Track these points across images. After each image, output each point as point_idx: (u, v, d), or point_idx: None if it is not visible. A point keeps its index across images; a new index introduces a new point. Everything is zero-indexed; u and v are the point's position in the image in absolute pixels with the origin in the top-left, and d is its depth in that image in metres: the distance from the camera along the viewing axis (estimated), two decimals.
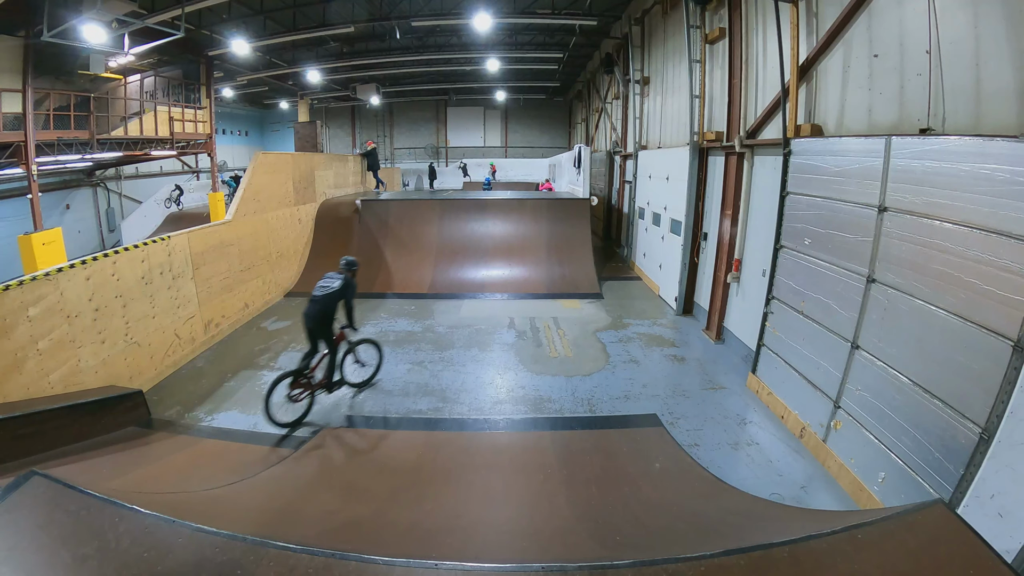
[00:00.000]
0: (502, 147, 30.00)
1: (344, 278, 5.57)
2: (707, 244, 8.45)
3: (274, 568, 1.99)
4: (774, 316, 5.65)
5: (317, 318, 5.38)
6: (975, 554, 1.96)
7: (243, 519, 3.25)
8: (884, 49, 4.48)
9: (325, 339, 5.52)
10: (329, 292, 5.42)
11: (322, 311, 5.38)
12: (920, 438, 3.61)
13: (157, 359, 6.62)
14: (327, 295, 5.41)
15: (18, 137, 9.42)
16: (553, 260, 11.11)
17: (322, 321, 5.40)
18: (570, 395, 6.09)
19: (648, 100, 12.31)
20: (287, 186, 11.00)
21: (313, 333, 5.45)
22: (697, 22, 8.30)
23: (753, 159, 6.94)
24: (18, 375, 4.68)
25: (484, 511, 3.93)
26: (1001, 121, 3.43)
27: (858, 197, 4.34)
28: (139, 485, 3.98)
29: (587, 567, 2.03)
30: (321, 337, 5.49)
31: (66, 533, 2.17)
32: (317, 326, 5.41)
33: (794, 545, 2.12)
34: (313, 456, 4.86)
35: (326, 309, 5.40)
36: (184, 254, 7.30)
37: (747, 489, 4.19)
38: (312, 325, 5.41)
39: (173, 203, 18.69)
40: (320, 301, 5.38)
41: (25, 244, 9.15)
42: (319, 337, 5.49)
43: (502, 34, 16.77)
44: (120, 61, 12.04)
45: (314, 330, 5.44)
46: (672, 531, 3.50)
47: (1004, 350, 3.02)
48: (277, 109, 28.89)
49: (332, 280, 5.52)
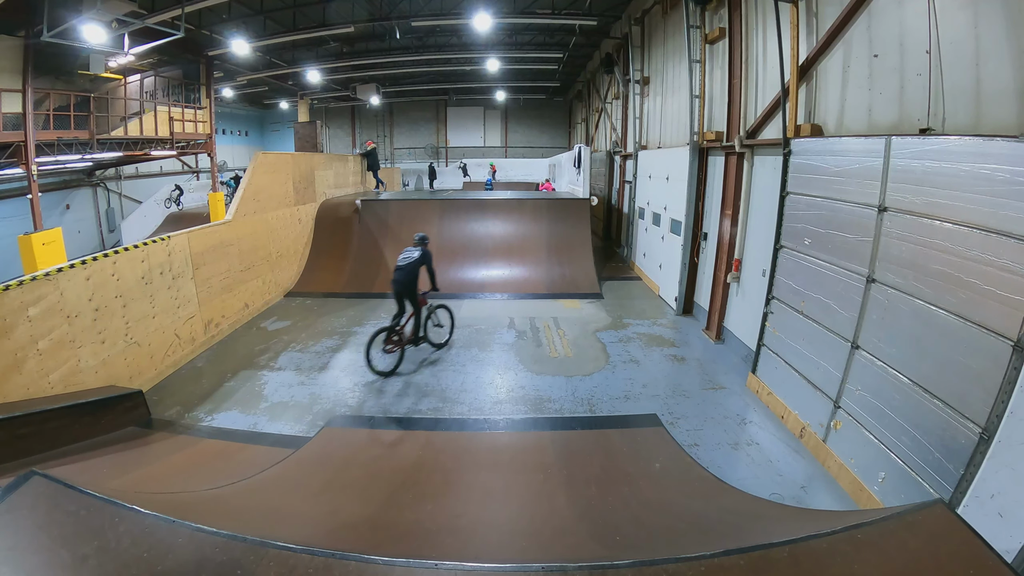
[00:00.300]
0: (502, 147, 30.00)
1: (421, 249, 6.66)
2: (707, 244, 8.45)
3: (274, 568, 1.98)
4: (774, 316, 5.65)
5: (403, 283, 6.49)
6: (975, 554, 1.96)
7: (243, 519, 3.25)
8: (884, 49, 4.48)
9: (411, 300, 6.64)
10: (411, 261, 6.52)
11: (407, 277, 6.49)
12: (920, 438, 3.61)
13: (157, 359, 6.62)
14: (410, 264, 6.51)
15: (18, 137, 9.42)
16: (553, 260, 11.11)
17: (408, 286, 6.52)
18: (570, 395, 6.09)
19: (648, 100, 12.31)
20: (287, 186, 11.00)
21: (400, 296, 6.56)
22: (697, 22, 8.30)
23: (753, 159, 6.94)
24: (18, 375, 4.68)
25: (484, 511, 3.93)
26: (1001, 121, 3.43)
27: (858, 197, 4.34)
28: (139, 485, 3.98)
29: (587, 567, 2.03)
30: (408, 299, 6.60)
31: (66, 533, 2.16)
32: (404, 290, 6.52)
33: (794, 545, 2.11)
34: (313, 456, 4.86)
35: (410, 275, 6.51)
36: (184, 254, 7.30)
37: (747, 489, 4.19)
38: (400, 289, 6.52)
39: (173, 203, 18.69)
40: (404, 269, 6.49)
41: (25, 244, 9.16)
42: (406, 299, 6.59)
43: (502, 34, 16.77)
44: (120, 61, 12.05)
45: (401, 293, 6.54)
46: (672, 531, 3.50)
47: (1004, 350, 3.02)
48: (277, 109, 28.89)
49: (411, 252, 6.62)
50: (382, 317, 8.99)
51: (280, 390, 6.33)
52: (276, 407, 5.92)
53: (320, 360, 7.21)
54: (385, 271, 11.16)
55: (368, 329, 8.34)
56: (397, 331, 6.61)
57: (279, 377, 6.69)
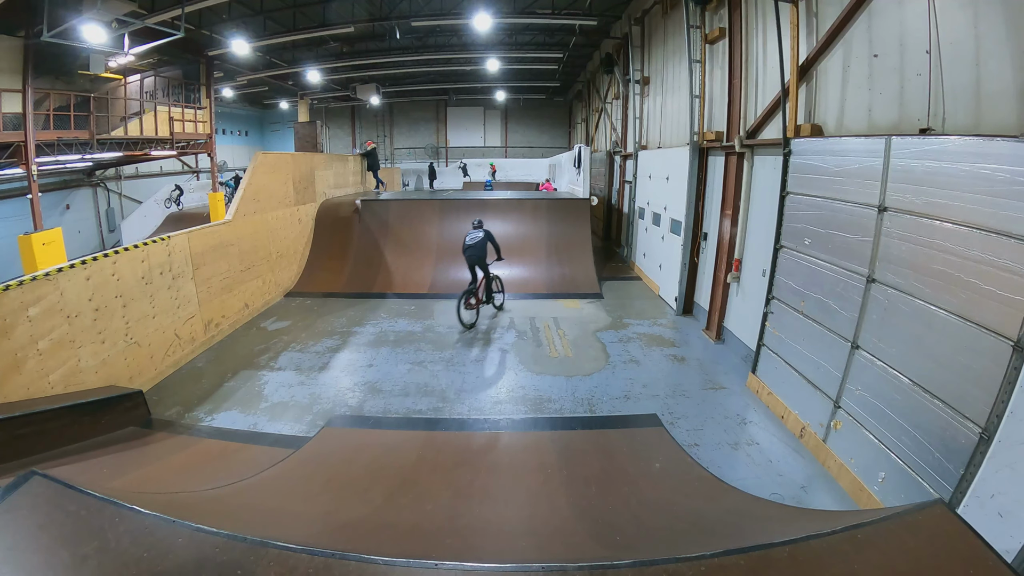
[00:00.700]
0: (502, 147, 30.01)
1: (483, 229, 8.32)
2: (707, 244, 8.45)
3: (274, 568, 1.98)
4: (774, 316, 5.65)
5: (475, 257, 8.18)
6: (975, 554, 1.96)
7: (243, 519, 3.25)
8: (884, 49, 4.48)
9: (482, 269, 8.37)
10: (479, 239, 8.18)
11: (478, 252, 8.16)
12: (920, 438, 3.61)
13: (157, 359, 6.62)
14: (478, 241, 8.17)
15: (18, 137, 9.41)
16: (553, 260, 11.11)
17: (479, 259, 8.21)
18: (570, 395, 6.09)
19: (648, 100, 12.31)
20: (287, 186, 11.00)
21: (473, 266, 8.31)
22: (697, 22, 8.30)
23: (753, 159, 6.94)
24: (18, 375, 4.68)
25: (484, 511, 3.93)
26: (1001, 121, 3.43)
27: (858, 197, 4.34)
28: (139, 485, 3.98)
29: (587, 567, 2.03)
30: (479, 268, 8.33)
31: (66, 533, 2.16)
32: (476, 262, 8.23)
33: (794, 545, 2.11)
34: (313, 456, 4.86)
35: (480, 250, 8.18)
36: (184, 254, 7.30)
37: (747, 489, 4.19)
38: (473, 262, 8.24)
39: (173, 203, 18.70)
40: (474, 247, 8.15)
41: (25, 244, 9.15)
42: (478, 267, 8.30)
43: (502, 34, 16.77)
44: (120, 61, 12.04)
45: (475, 264, 8.26)
46: (672, 531, 3.50)
47: (1004, 350, 3.02)
48: (277, 109, 28.88)
49: (476, 233, 8.25)
50: (382, 317, 9.00)
51: (280, 390, 6.33)
52: (276, 407, 5.92)
53: (320, 360, 7.21)
54: (385, 271, 11.18)
55: (369, 329, 8.39)
56: (474, 293, 8.28)
57: (279, 377, 6.70)
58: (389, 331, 8.32)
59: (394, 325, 8.62)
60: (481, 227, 8.41)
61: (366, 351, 7.52)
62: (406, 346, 7.66)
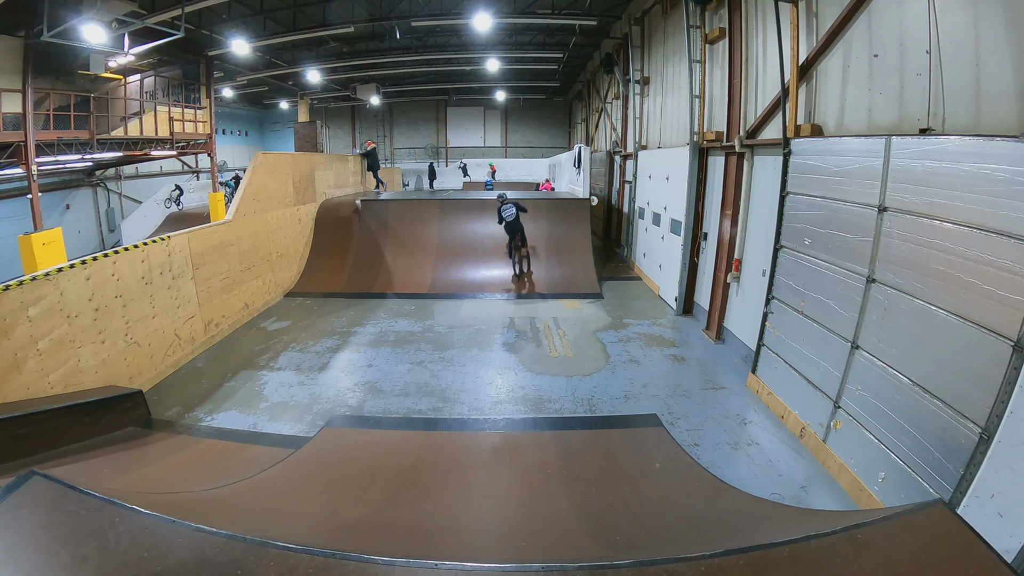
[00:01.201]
0: (502, 147, 30.00)
1: (512, 203, 10.02)
2: (707, 244, 8.45)
3: (274, 568, 1.98)
4: (774, 316, 5.65)
5: (512, 226, 9.95)
6: (975, 554, 1.96)
7: (243, 519, 3.25)
8: (884, 49, 4.48)
9: (520, 234, 10.13)
10: (514, 213, 9.90)
11: (515, 222, 9.92)
12: (920, 438, 3.61)
13: (157, 359, 6.62)
14: (514, 214, 9.91)
15: (18, 137, 9.42)
16: (553, 260, 11.12)
17: (517, 227, 9.99)
18: (570, 395, 6.09)
19: (648, 100, 12.31)
20: (287, 186, 11.00)
21: (513, 234, 10.05)
22: (697, 22, 8.30)
23: (753, 159, 6.94)
24: (18, 375, 4.68)
25: (484, 511, 3.93)
26: (1001, 121, 3.43)
27: (858, 197, 4.34)
28: (139, 485, 3.98)
29: (587, 567, 2.03)
30: (518, 233, 10.07)
31: (66, 533, 2.16)
32: (515, 231, 10.01)
33: (794, 545, 2.12)
34: (313, 456, 4.86)
35: (516, 221, 9.94)
36: (184, 254, 7.30)
37: (747, 489, 4.19)
38: (512, 231, 10.00)
39: (173, 203, 18.69)
40: (511, 220, 9.90)
41: (25, 244, 9.15)
42: (516, 233, 10.04)
43: (502, 34, 16.76)
44: (120, 61, 12.04)
45: (514, 233, 10.02)
46: (672, 531, 3.50)
47: (1004, 350, 3.02)
48: (277, 109, 28.87)
49: (510, 208, 9.91)
50: (382, 317, 9.00)
51: (280, 390, 6.33)
52: (276, 407, 5.92)
53: (320, 360, 7.21)
54: (385, 271, 11.18)
55: (368, 329, 8.39)
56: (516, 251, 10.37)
57: (279, 377, 6.70)
58: (389, 331, 8.33)
59: (394, 325, 8.62)
60: (509, 201, 9.98)
61: (366, 351, 7.52)
62: (406, 346, 7.66)
